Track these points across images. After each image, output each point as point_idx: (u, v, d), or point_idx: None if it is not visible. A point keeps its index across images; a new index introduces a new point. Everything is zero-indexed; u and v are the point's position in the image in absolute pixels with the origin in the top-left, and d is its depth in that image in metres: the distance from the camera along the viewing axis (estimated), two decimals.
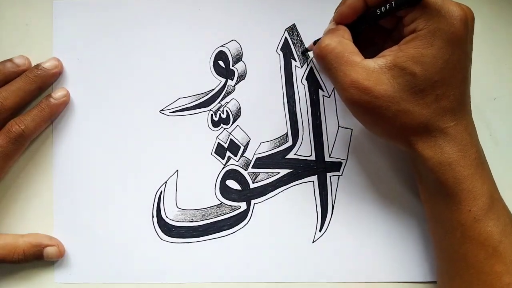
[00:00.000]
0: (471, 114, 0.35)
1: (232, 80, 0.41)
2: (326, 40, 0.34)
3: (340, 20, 0.36)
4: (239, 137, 0.41)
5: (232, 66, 0.41)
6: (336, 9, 0.36)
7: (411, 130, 0.33)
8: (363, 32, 0.36)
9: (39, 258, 0.39)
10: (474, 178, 0.33)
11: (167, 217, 0.41)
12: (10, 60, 0.40)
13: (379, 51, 0.35)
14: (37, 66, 0.40)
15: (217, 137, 0.41)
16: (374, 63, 0.32)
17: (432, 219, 0.36)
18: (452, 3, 0.32)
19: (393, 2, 0.33)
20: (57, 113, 0.41)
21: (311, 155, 0.41)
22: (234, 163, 0.41)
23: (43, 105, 0.40)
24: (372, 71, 0.32)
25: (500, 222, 0.33)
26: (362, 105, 0.33)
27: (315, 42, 0.39)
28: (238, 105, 0.41)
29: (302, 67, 0.41)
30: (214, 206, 0.41)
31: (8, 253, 0.38)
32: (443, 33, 0.31)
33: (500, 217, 0.33)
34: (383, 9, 0.33)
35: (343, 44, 0.34)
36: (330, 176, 0.41)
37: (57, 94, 0.40)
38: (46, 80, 0.40)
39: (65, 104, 0.41)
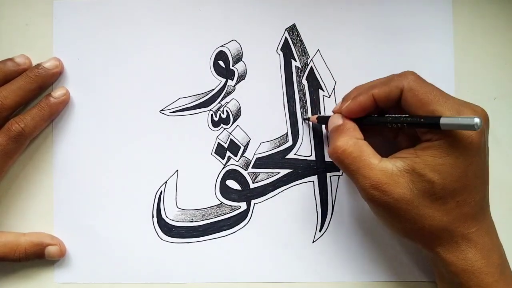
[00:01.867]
0: (490, 215, 0.34)
1: (232, 80, 0.41)
2: (341, 143, 0.34)
3: (348, 115, 0.35)
4: (239, 137, 0.41)
5: (232, 66, 0.41)
6: (343, 101, 0.36)
7: (432, 234, 0.32)
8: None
9: (40, 257, 0.39)
10: (498, 285, 0.32)
11: (167, 217, 0.41)
12: (11, 59, 0.40)
13: (391, 143, 0.35)
14: (38, 65, 0.40)
15: (217, 137, 0.41)
16: (392, 165, 0.32)
17: None
18: (467, 113, 0.31)
19: (406, 119, 0.32)
20: (57, 112, 0.41)
21: (311, 155, 0.41)
22: (234, 163, 0.41)
23: (43, 104, 0.40)
24: (390, 173, 0.32)
25: None
26: (383, 206, 0.32)
27: (318, 118, 0.39)
28: (238, 105, 0.41)
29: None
30: (214, 206, 0.41)
31: (9, 251, 0.38)
32: (460, 145, 0.31)
33: None
34: (393, 124, 0.33)
35: (358, 146, 0.33)
36: (330, 176, 0.41)
37: (57, 93, 0.40)
38: (46, 80, 0.40)
39: (64, 103, 0.41)
